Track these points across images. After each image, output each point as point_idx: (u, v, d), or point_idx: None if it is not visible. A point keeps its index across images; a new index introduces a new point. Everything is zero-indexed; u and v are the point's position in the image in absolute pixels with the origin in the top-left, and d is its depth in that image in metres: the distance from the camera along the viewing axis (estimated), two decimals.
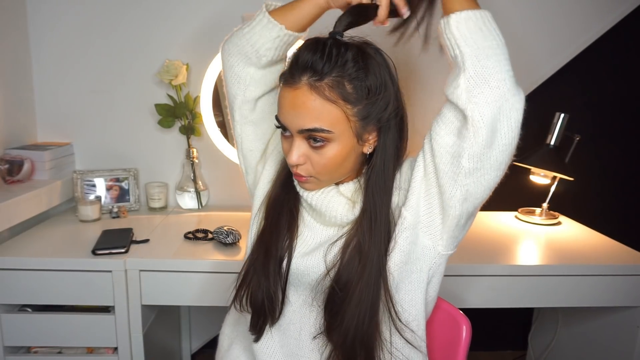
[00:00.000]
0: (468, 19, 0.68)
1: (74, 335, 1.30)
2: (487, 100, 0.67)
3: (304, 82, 0.71)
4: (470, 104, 0.67)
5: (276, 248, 0.83)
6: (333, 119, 0.72)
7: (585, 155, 1.76)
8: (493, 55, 0.68)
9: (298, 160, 0.75)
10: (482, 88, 0.67)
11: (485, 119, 0.67)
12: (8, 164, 1.49)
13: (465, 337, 0.95)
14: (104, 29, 1.68)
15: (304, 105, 0.71)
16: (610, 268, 1.35)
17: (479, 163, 0.70)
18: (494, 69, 0.67)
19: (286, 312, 0.85)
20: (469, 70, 0.67)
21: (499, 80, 0.67)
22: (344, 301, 0.77)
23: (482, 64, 0.67)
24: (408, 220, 0.78)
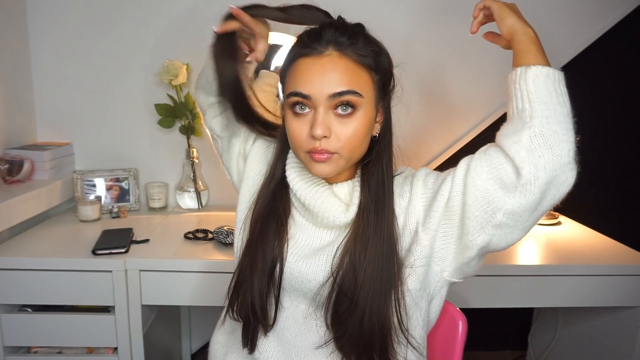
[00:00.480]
0: (547, 77, 0.68)
1: (74, 335, 1.30)
2: (546, 165, 0.65)
3: (332, 49, 0.73)
4: (528, 164, 0.66)
5: (264, 255, 0.81)
6: (362, 82, 0.73)
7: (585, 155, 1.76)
8: (563, 122, 0.67)
9: (324, 131, 0.72)
10: (544, 151, 0.65)
11: (538, 184, 0.65)
12: (8, 164, 1.49)
13: (461, 333, 0.95)
14: (104, 28, 1.68)
15: (335, 68, 0.72)
16: (610, 268, 1.35)
17: (513, 221, 0.69)
18: (562, 137, 0.66)
19: (279, 318, 0.83)
20: (535, 128, 0.66)
21: (563, 150, 0.65)
22: (351, 309, 0.74)
23: (551, 128, 0.66)
24: (425, 247, 0.77)
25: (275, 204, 0.84)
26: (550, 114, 0.66)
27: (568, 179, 0.67)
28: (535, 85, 0.68)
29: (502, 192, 0.68)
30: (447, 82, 1.75)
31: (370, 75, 0.74)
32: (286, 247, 0.82)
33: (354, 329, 0.75)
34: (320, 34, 0.73)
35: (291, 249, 0.82)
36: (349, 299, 0.75)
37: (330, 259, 0.78)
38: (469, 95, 1.77)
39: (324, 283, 0.77)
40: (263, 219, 0.83)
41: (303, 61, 0.74)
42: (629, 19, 1.75)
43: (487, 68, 1.75)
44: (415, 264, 0.77)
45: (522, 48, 0.72)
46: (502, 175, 0.68)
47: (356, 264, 0.75)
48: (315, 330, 0.81)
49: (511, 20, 0.74)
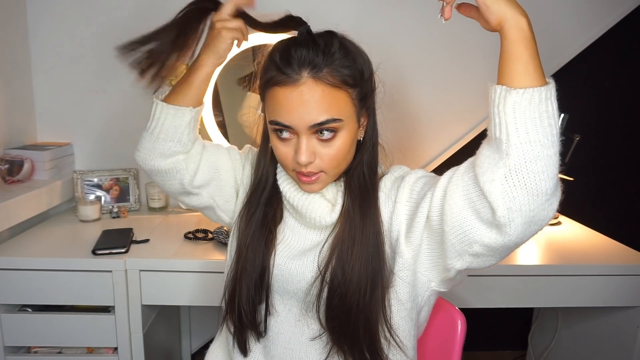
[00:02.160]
0: (530, 103, 0.59)
1: (74, 335, 1.30)
2: (521, 207, 0.60)
3: (306, 77, 0.70)
4: (502, 206, 0.60)
5: (253, 262, 0.82)
6: (341, 105, 0.72)
7: (585, 155, 1.76)
8: (543, 157, 0.59)
9: (309, 158, 0.73)
10: (520, 192, 0.59)
11: (514, 225, 0.61)
12: (8, 164, 1.49)
13: (461, 332, 0.96)
14: (104, 28, 1.68)
15: (312, 99, 0.70)
16: (610, 268, 1.35)
17: (491, 252, 0.66)
18: (541, 175, 0.59)
19: (273, 323, 0.84)
20: (511, 165, 0.60)
21: (541, 189, 0.59)
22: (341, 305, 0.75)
23: (529, 167, 0.59)
24: (407, 260, 0.75)
25: (266, 210, 0.85)
26: (529, 150, 0.59)
27: (548, 214, 0.62)
28: (514, 115, 0.59)
29: (479, 224, 0.64)
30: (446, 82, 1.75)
31: (348, 93, 0.72)
32: (275, 252, 0.83)
33: (344, 323, 0.76)
34: (291, 57, 0.70)
35: (281, 252, 0.83)
36: (339, 295, 0.76)
37: (322, 255, 0.79)
38: (468, 96, 1.77)
39: (312, 282, 0.78)
40: (251, 226, 0.84)
41: (280, 90, 0.71)
42: (629, 19, 1.76)
43: (487, 68, 1.75)
44: (399, 275, 0.76)
45: (511, 49, 0.61)
46: (478, 208, 0.64)
47: (344, 260, 0.76)
48: (307, 333, 0.81)
49: (499, 5, 0.61)
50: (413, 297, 0.78)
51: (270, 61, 0.73)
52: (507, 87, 0.60)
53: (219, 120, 1.68)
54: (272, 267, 0.82)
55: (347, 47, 0.73)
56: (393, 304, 0.77)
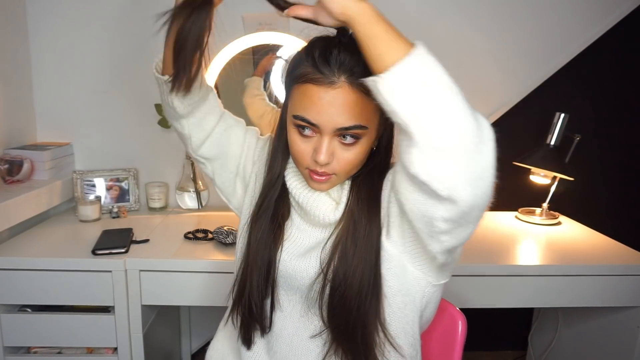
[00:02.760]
0: (402, 82, 0.57)
1: (74, 335, 1.30)
2: (453, 172, 0.57)
3: (343, 81, 0.69)
4: (433, 179, 0.58)
5: (262, 257, 0.82)
6: (370, 113, 0.72)
7: (585, 155, 1.76)
8: (440, 116, 0.56)
9: (328, 159, 0.73)
10: (440, 160, 0.57)
11: (460, 192, 0.58)
12: (8, 164, 1.49)
13: (461, 333, 0.95)
14: (104, 28, 1.68)
15: (346, 104, 0.70)
16: (610, 268, 1.35)
17: (456, 224, 0.62)
18: (447, 136, 0.56)
19: (277, 318, 0.84)
20: (417, 140, 0.57)
21: (458, 148, 0.56)
22: (343, 295, 0.76)
23: (432, 134, 0.56)
24: (390, 252, 0.75)
25: (276, 206, 0.85)
26: (424, 119, 0.57)
27: (486, 163, 0.58)
28: (395, 102, 0.58)
29: (430, 201, 0.61)
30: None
31: (376, 103, 0.70)
32: (282, 248, 0.83)
33: (344, 322, 0.76)
34: (332, 58, 0.69)
35: (287, 248, 0.83)
36: (339, 294, 0.76)
37: (325, 253, 0.79)
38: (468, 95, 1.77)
39: (315, 279, 0.79)
40: (263, 221, 0.84)
41: (313, 88, 0.70)
42: (629, 19, 1.76)
43: (487, 68, 1.75)
44: (384, 272, 0.75)
45: (365, 33, 0.60)
46: (422, 187, 0.61)
47: (345, 260, 0.76)
48: (310, 329, 0.82)
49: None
50: (404, 291, 0.77)
51: (307, 56, 0.72)
52: (375, 77, 0.59)
53: None
54: (278, 262, 0.83)
55: None
56: (385, 297, 0.77)
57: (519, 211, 1.77)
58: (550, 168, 1.63)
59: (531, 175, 1.74)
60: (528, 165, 1.65)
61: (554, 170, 1.63)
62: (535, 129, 1.72)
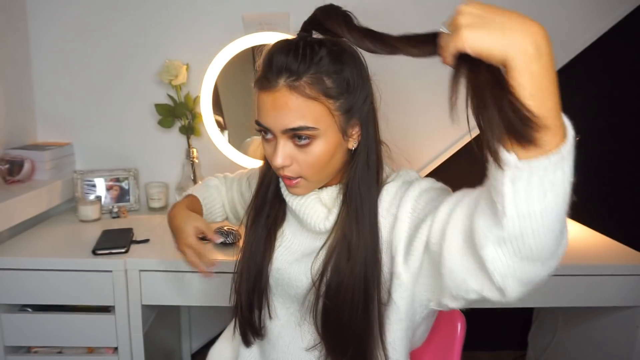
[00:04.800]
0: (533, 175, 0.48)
1: (74, 335, 1.30)
2: (515, 274, 0.54)
3: (282, 84, 0.69)
4: (495, 270, 0.55)
5: (254, 264, 0.83)
6: (317, 115, 0.70)
7: (585, 155, 1.76)
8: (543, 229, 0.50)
9: (284, 161, 0.73)
10: (513, 261, 0.53)
11: (510, 290, 0.56)
12: (8, 164, 1.49)
13: (460, 333, 0.95)
14: (104, 29, 1.68)
15: (285, 105, 0.69)
16: (610, 268, 1.34)
17: (488, 302, 0.61)
18: (536, 248, 0.51)
19: (273, 326, 0.84)
20: (504, 235, 0.52)
21: (536, 258, 0.53)
22: (337, 309, 0.74)
23: (524, 240, 0.51)
24: (405, 283, 0.72)
25: (270, 209, 0.85)
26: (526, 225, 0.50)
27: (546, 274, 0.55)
28: (513, 188, 0.49)
29: (480, 274, 0.58)
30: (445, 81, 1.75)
31: (327, 105, 0.70)
32: (273, 256, 0.83)
33: (337, 337, 0.76)
34: (272, 62, 0.69)
35: (282, 254, 0.83)
36: (331, 309, 0.75)
37: (317, 263, 0.78)
38: None
39: (309, 288, 0.78)
40: (256, 224, 0.85)
41: (261, 94, 0.72)
42: (629, 19, 1.75)
43: None
44: (395, 295, 0.73)
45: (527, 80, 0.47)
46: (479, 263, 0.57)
47: (337, 274, 0.74)
48: (307, 337, 0.81)
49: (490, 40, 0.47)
50: (411, 315, 0.75)
51: (262, 61, 0.73)
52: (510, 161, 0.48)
53: (219, 120, 1.68)
54: (270, 270, 0.82)
55: (337, 55, 0.70)
56: (391, 322, 0.75)
57: None
58: None
59: None
60: None
61: None
62: None
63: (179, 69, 1.61)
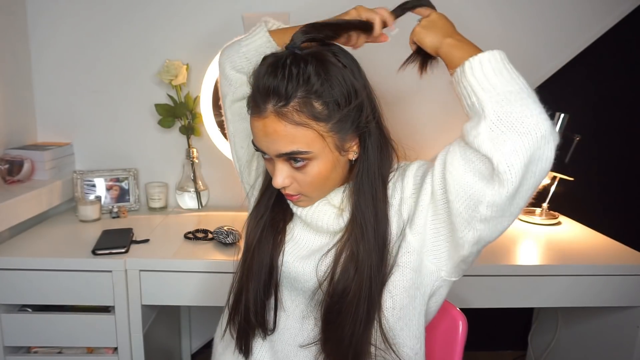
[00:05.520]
0: (482, 64, 0.65)
1: (74, 335, 1.30)
2: (515, 148, 0.60)
3: (270, 110, 0.69)
4: (496, 152, 0.61)
5: (260, 260, 0.82)
6: (308, 140, 0.70)
7: (585, 155, 1.76)
8: (518, 99, 0.62)
9: (283, 182, 0.74)
10: (509, 135, 0.61)
11: (514, 170, 0.61)
12: (8, 164, 1.49)
13: (462, 333, 0.95)
14: (104, 29, 1.68)
15: (275, 132, 0.69)
16: (610, 268, 1.35)
17: (498, 212, 0.65)
18: (521, 114, 0.61)
19: (281, 318, 0.84)
20: (490, 116, 0.62)
21: (529, 126, 0.60)
22: (340, 312, 0.75)
23: (505, 110, 0.62)
24: (413, 245, 0.75)
25: (274, 211, 0.85)
26: (500, 98, 0.62)
27: (546, 153, 0.61)
28: (474, 77, 0.65)
29: (481, 183, 0.64)
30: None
31: (317, 130, 0.70)
32: (283, 250, 0.83)
33: (337, 337, 0.76)
34: (260, 85, 0.69)
35: (291, 249, 0.83)
36: (337, 310, 0.75)
37: (326, 262, 0.78)
38: None
39: (316, 285, 0.78)
40: (259, 228, 0.85)
41: (252, 117, 0.73)
42: (629, 19, 1.75)
43: None
44: (402, 264, 0.75)
45: (448, 56, 0.73)
46: (478, 167, 0.65)
47: (349, 268, 0.75)
48: (312, 329, 0.82)
49: (429, 39, 0.77)
50: (417, 285, 0.77)
51: (252, 78, 0.73)
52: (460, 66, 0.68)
53: (219, 120, 1.68)
54: (281, 265, 0.82)
55: (325, 71, 0.69)
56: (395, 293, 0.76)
57: None
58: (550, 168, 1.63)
59: None
60: None
61: (554, 170, 1.63)
62: None
63: (179, 69, 1.61)
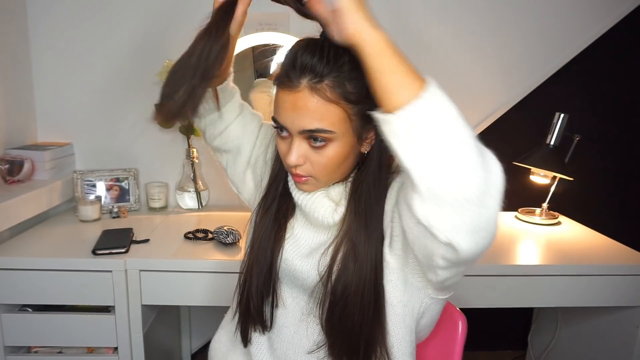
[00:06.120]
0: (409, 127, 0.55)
1: (74, 335, 1.30)
2: (452, 223, 0.56)
3: (304, 85, 0.69)
4: (432, 226, 0.57)
5: (265, 255, 0.83)
6: (335, 119, 0.71)
7: (585, 155, 1.76)
8: (444, 166, 0.54)
9: (297, 160, 0.74)
10: (440, 209, 0.55)
11: (459, 242, 0.56)
12: (8, 164, 1.49)
13: (461, 333, 0.95)
14: (105, 29, 1.68)
15: (305, 107, 0.70)
16: (610, 268, 1.35)
17: (455, 264, 0.62)
18: (450, 187, 0.54)
19: (279, 315, 0.84)
20: (421, 190, 0.56)
21: (460, 199, 0.54)
22: (346, 306, 0.75)
23: (432, 183, 0.54)
24: (391, 265, 0.74)
25: (280, 203, 0.86)
26: (425, 168, 0.55)
27: (489, 218, 0.56)
28: (398, 146, 0.57)
29: (432, 240, 0.59)
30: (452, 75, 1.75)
31: (346, 110, 0.70)
32: (284, 246, 0.83)
33: (345, 338, 0.76)
34: (296, 61, 0.70)
35: (291, 246, 0.83)
36: (340, 310, 0.75)
37: (325, 260, 0.78)
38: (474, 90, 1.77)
39: (317, 283, 0.78)
40: (267, 218, 0.85)
41: (282, 92, 0.72)
42: (629, 19, 1.76)
43: (487, 68, 1.75)
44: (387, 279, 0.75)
45: (373, 64, 0.59)
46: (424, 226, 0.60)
47: (347, 270, 0.75)
48: (312, 329, 0.82)
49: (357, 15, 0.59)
50: (405, 302, 0.76)
51: (284, 59, 0.73)
52: (381, 115, 0.58)
53: None
54: (280, 261, 0.83)
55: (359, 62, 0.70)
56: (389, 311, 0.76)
57: (519, 211, 1.77)
58: (550, 168, 1.63)
59: (531, 175, 1.74)
60: (528, 165, 1.65)
61: (554, 170, 1.63)
62: (535, 129, 1.72)
63: None
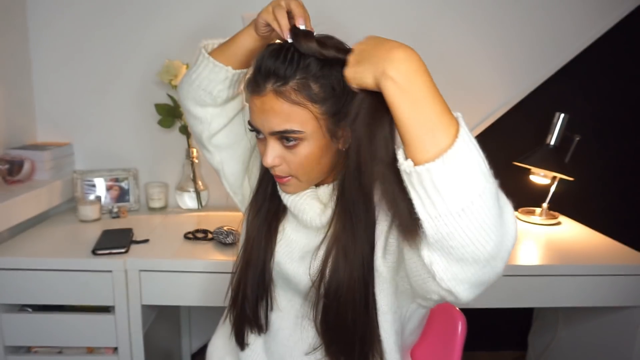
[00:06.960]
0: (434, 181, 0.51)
1: (74, 335, 1.30)
2: (456, 276, 0.56)
3: (270, 89, 0.70)
4: (435, 273, 0.57)
5: (257, 258, 0.83)
6: (302, 120, 0.71)
7: (585, 155, 1.76)
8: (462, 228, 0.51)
9: (273, 161, 0.75)
10: (448, 263, 0.55)
11: (459, 292, 0.57)
12: (8, 164, 1.49)
13: (461, 333, 0.95)
14: (104, 28, 1.68)
15: (272, 109, 0.71)
16: (610, 268, 1.35)
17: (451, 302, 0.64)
18: (463, 248, 0.53)
19: (275, 318, 0.84)
20: (431, 242, 0.55)
21: (471, 259, 0.53)
22: (339, 305, 0.74)
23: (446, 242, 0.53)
24: (383, 274, 0.74)
25: (270, 205, 0.86)
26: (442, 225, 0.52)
27: (493, 275, 0.57)
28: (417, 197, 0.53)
29: (433, 281, 0.59)
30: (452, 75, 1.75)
31: (312, 110, 0.71)
32: (277, 249, 0.83)
33: (340, 338, 0.76)
34: (261, 66, 0.71)
35: (284, 249, 0.83)
36: (334, 311, 0.75)
37: (316, 262, 0.78)
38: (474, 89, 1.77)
39: (310, 286, 0.78)
40: (258, 219, 0.85)
41: (250, 96, 0.74)
42: (629, 19, 1.76)
43: (487, 68, 1.75)
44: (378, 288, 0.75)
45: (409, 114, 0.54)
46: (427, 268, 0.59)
47: (338, 271, 0.74)
48: (307, 331, 0.82)
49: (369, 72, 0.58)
50: (395, 309, 0.76)
51: (253, 64, 0.75)
52: (405, 166, 0.54)
53: None
54: (272, 263, 0.83)
55: (326, 58, 0.70)
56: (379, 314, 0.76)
57: (519, 211, 1.77)
58: (550, 168, 1.63)
59: (531, 175, 1.74)
60: (528, 165, 1.65)
61: (554, 170, 1.63)
62: (535, 129, 1.72)
63: (179, 69, 1.61)
